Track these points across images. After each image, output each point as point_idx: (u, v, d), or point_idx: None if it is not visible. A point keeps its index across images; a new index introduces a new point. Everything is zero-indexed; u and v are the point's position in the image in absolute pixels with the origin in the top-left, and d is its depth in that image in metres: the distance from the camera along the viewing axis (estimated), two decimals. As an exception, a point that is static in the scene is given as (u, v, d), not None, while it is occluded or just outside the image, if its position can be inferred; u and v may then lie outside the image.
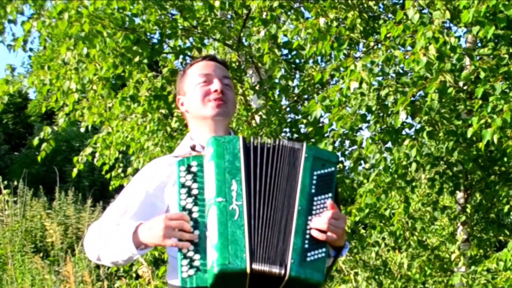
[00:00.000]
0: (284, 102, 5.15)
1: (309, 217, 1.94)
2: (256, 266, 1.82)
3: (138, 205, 2.07)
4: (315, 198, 1.97)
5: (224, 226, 1.83)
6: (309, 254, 1.91)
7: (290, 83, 5.12)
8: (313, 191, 1.97)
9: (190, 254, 1.84)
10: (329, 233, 1.92)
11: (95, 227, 2.08)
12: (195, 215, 1.88)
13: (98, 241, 2.04)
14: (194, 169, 1.92)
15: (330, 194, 1.99)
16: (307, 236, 1.92)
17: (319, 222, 1.93)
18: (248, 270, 1.81)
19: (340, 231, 1.96)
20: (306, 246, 1.91)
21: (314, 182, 1.98)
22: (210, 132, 2.15)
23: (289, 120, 4.98)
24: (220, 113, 2.16)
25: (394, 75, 4.43)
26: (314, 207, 1.96)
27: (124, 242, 1.94)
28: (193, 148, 2.09)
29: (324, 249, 1.93)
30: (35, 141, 5.27)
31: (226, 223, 1.84)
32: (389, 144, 4.53)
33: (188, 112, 2.21)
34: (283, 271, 1.85)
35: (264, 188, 1.92)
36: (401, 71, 4.57)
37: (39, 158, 5.35)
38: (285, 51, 5.27)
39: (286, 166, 1.97)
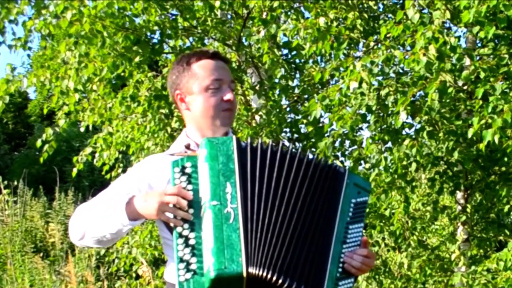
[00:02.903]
0: (284, 102, 5.15)
1: (344, 246, 1.97)
2: (253, 270, 1.80)
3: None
4: (350, 227, 1.99)
5: (220, 230, 1.80)
6: (340, 283, 1.94)
7: (290, 83, 5.12)
8: (349, 219, 1.99)
9: (187, 257, 1.82)
10: (359, 270, 1.97)
11: (82, 207, 2.05)
12: (191, 217, 1.86)
13: (85, 217, 2.01)
14: (188, 170, 1.89)
15: (362, 224, 2.01)
16: (340, 265, 1.95)
17: (354, 260, 1.96)
18: (244, 274, 1.79)
19: (369, 269, 2.00)
20: (338, 275, 1.94)
21: (351, 210, 1.99)
22: (209, 134, 2.10)
23: (289, 120, 4.98)
24: (228, 124, 2.14)
25: (394, 75, 4.43)
26: (348, 236, 1.98)
27: (116, 213, 1.92)
28: (187, 147, 2.05)
29: (352, 280, 1.97)
30: (38, 143, 5.27)
31: (221, 226, 1.81)
32: (389, 144, 4.53)
33: (191, 111, 2.13)
34: None
35: (265, 191, 1.88)
36: (401, 71, 4.57)
37: (41, 160, 5.35)
38: (285, 51, 5.28)
39: (324, 184, 1.95)
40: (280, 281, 1.82)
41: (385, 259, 5.86)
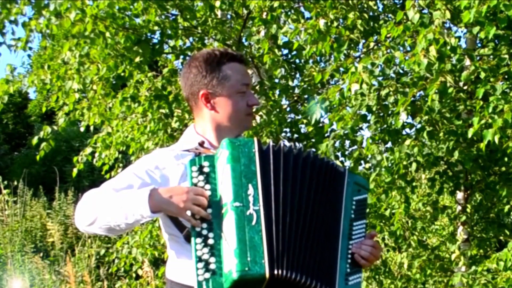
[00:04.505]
0: (284, 102, 5.15)
1: (350, 242, 2.01)
2: (276, 272, 1.82)
3: (139, 185, 1.98)
4: (354, 224, 2.04)
5: (242, 232, 1.81)
6: (350, 278, 1.99)
7: (290, 83, 5.12)
8: (352, 216, 2.03)
9: (206, 257, 1.83)
10: (368, 260, 2.03)
11: (93, 193, 1.99)
12: (210, 217, 1.86)
13: (99, 203, 1.94)
14: (206, 169, 1.89)
15: (364, 221, 2.07)
16: (349, 261, 2.00)
17: (363, 250, 2.02)
18: (267, 276, 1.80)
19: (376, 259, 2.06)
20: (348, 270, 1.98)
21: (353, 207, 2.04)
22: (225, 135, 2.06)
23: (289, 120, 4.99)
24: (250, 127, 2.19)
25: (394, 75, 4.43)
26: (354, 232, 2.03)
27: (137, 204, 1.87)
28: (201, 144, 2.05)
29: (360, 274, 2.02)
30: (35, 141, 5.27)
31: (244, 228, 1.82)
32: (389, 144, 4.53)
33: (217, 112, 2.10)
34: None
35: (287, 195, 1.90)
36: (401, 71, 4.57)
37: (38, 158, 5.35)
38: (285, 51, 5.28)
39: (328, 185, 1.99)
40: (303, 281, 1.85)
41: (385, 259, 5.86)
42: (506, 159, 4.53)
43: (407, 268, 5.40)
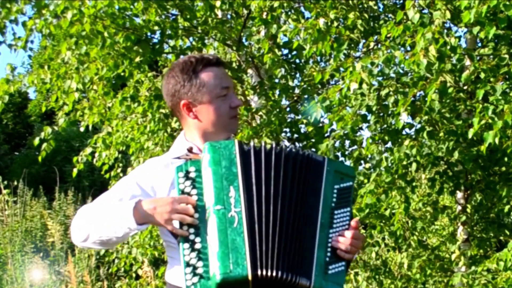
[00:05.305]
0: (284, 102, 5.15)
1: (330, 231, 1.98)
2: (260, 272, 1.83)
3: (130, 197, 2.02)
4: (335, 212, 2.00)
5: (224, 234, 1.83)
6: (330, 267, 1.95)
7: (290, 83, 5.12)
8: (333, 204, 2.00)
9: (193, 261, 1.84)
10: (348, 252, 1.99)
11: (86, 208, 2.03)
12: (196, 222, 1.87)
13: (90, 219, 1.98)
14: (192, 175, 1.91)
15: (348, 209, 2.03)
16: (329, 250, 1.96)
17: (342, 242, 1.97)
18: (250, 277, 1.81)
19: (358, 250, 2.01)
20: (328, 259, 1.95)
21: (335, 196, 2.01)
22: (211, 140, 2.06)
23: (289, 120, 4.99)
24: (236, 130, 2.18)
25: (394, 75, 4.43)
26: (335, 221, 2.00)
27: (123, 217, 1.91)
28: (190, 150, 2.05)
29: (343, 263, 1.98)
30: (36, 141, 5.28)
31: (225, 231, 1.83)
32: (389, 144, 4.53)
33: (200, 121, 2.11)
34: (308, 283, 1.89)
35: (269, 194, 1.90)
36: (401, 71, 4.57)
37: (39, 158, 5.35)
38: (285, 51, 5.29)
39: (306, 176, 1.97)
40: (289, 278, 1.85)
41: (385, 259, 5.86)
42: (506, 159, 4.53)
43: (407, 268, 5.40)
